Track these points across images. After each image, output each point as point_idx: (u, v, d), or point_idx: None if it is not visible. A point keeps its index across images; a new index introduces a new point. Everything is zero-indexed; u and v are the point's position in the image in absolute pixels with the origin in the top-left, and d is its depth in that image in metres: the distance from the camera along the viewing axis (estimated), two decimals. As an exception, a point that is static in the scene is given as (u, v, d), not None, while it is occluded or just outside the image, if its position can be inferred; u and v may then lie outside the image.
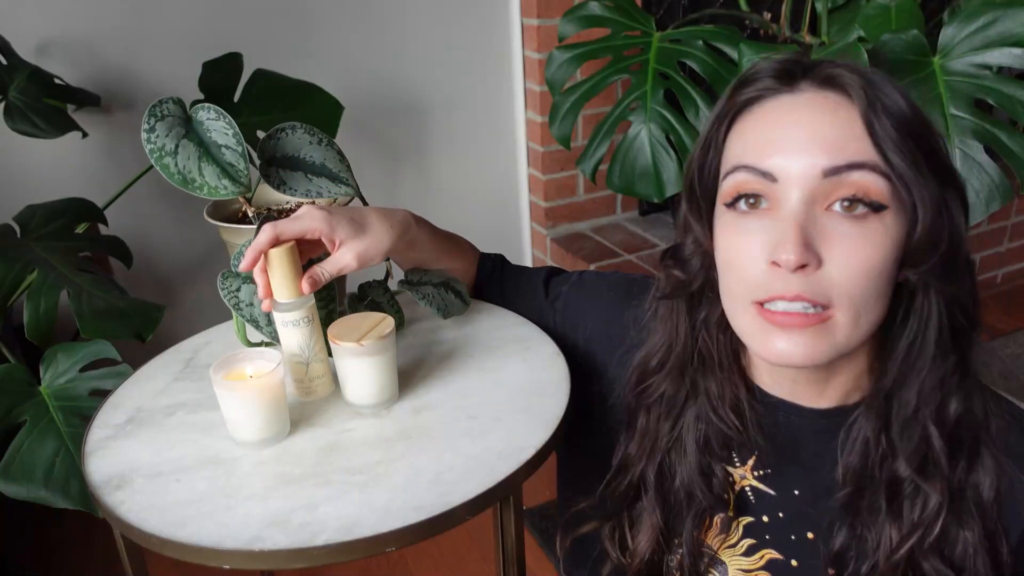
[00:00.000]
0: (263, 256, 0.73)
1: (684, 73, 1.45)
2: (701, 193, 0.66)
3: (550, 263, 2.30)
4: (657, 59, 1.46)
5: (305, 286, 0.74)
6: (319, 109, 1.68)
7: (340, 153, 0.87)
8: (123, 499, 0.66)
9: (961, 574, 0.64)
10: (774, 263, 0.58)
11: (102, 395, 0.99)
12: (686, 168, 0.68)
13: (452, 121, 2.12)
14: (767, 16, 1.57)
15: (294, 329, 0.75)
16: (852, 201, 0.57)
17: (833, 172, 0.57)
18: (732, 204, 0.62)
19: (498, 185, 2.27)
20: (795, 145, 0.59)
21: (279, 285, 0.74)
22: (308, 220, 0.75)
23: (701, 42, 1.44)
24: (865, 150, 0.57)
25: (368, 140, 2.03)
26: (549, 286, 0.92)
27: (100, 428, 0.76)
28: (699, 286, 0.69)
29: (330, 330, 0.75)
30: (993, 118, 1.25)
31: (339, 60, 1.92)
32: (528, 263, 2.38)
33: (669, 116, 1.42)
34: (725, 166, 0.64)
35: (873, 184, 0.57)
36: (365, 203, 0.92)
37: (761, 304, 0.60)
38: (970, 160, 1.24)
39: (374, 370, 0.74)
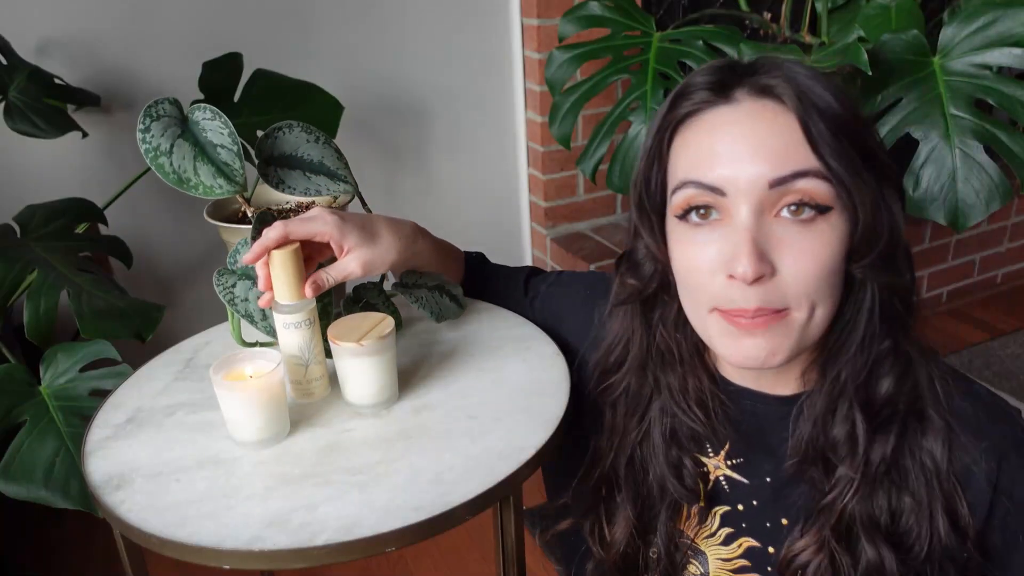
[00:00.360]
0: (267, 253, 0.73)
1: (684, 73, 1.45)
2: (650, 206, 0.68)
3: (550, 263, 2.31)
4: (657, 59, 1.46)
5: (308, 290, 0.75)
6: (319, 109, 1.68)
7: (338, 151, 0.87)
8: (123, 499, 0.66)
9: (906, 538, 0.66)
10: (731, 276, 0.60)
11: (102, 395, 0.99)
12: (632, 180, 0.70)
13: (452, 121, 2.12)
14: (767, 16, 1.57)
15: (295, 331, 0.75)
16: (799, 206, 0.60)
17: (778, 182, 0.59)
18: (683, 216, 0.64)
19: (498, 185, 2.27)
20: (740, 157, 0.60)
21: (281, 286, 0.74)
22: (319, 223, 0.75)
23: (701, 42, 1.44)
24: (805, 157, 0.59)
25: (368, 140, 2.03)
26: (528, 285, 0.93)
27: (100, 428, 0.76)
28: (653, 290, 0.71)
29: (330, 330, 0.75)
30: (993, 118, 1.25)
31: (339, 60, 1.92)
32: (528, 263, 2.38)
33: (669, 116, 1.42)
34: (672, 180, 0.65)
35: (817, 189, 0.59)
36: (364, 202, 0.92)
37: (726, 312, 0.63)
38: (970, 160, 1.25)
39: (374, 370, 0.74)
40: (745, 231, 0.59)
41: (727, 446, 0.74)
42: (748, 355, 0.63)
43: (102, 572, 1.63)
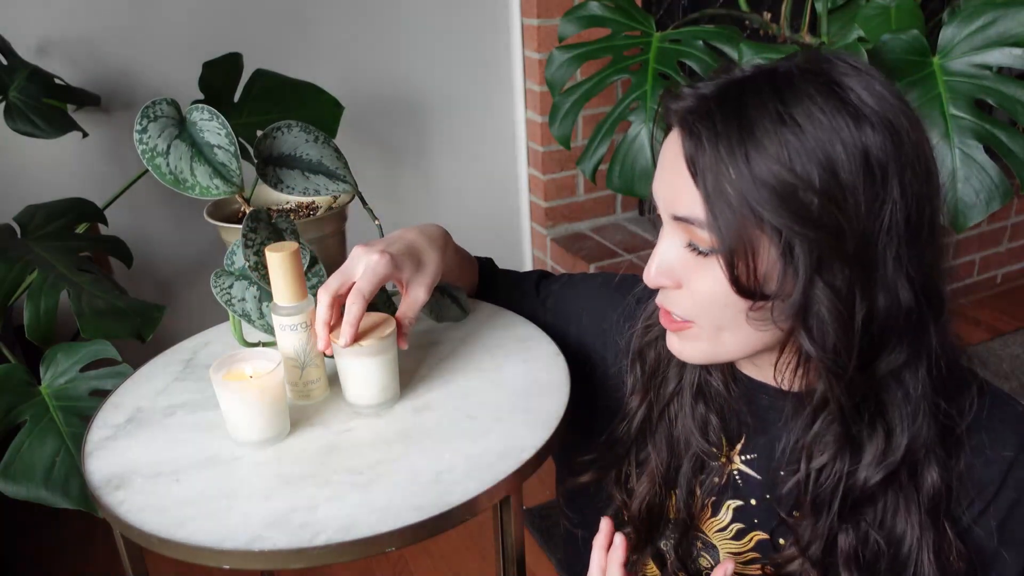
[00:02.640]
0: (325, 345, 0.74)
1: (684, 73, 1.45)
2: None
3: (550, 263, 2.31)
4: (657, 59, 1.46)
5: (404, 343, 0.77)
6: (319, 109, 1.68)
7: (337, 150, 0.87)
8: (123, 499, 0.66)
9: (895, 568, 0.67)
10: None
11: (102, 395, 0.99)
12: None
13: (452, 121, 2.12)
14: (767, 16, 1.57)
15: (292, 333, 0.75)
16: (689, 244, 0.63)
17: (675, 219, 0.63)
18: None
19: (498, 185, 2.27)
20: (659, 185, 0.65)
21: (280, 289, 0.74)
22: (378, 268, 0.75)
23: (701, 42, 1.44)
24: (692, 204, 0.60)
25: (368, 140, 2.03)
26: (539, 287, 0.95)
27: (100, 428, 0.76)
28: None
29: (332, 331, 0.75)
30: (993, 118, 1.25)
31: (339, 60, 1.92)
32: (528, 263, 2.38)
33: (669, 116, 1.42)
34: None
35: (699, 236, 0.61)
36: (364, 202, 0.92)
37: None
38: (970, 160, 1.25)
39: (375, 370, 0.74)
40: (658, 246, 0.65)
41: (742, 441, 0.74)
42: (672, 347, 0.69)
43: (102, 572, 1.63)
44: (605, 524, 0.73)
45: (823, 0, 1.44)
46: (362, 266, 0.75)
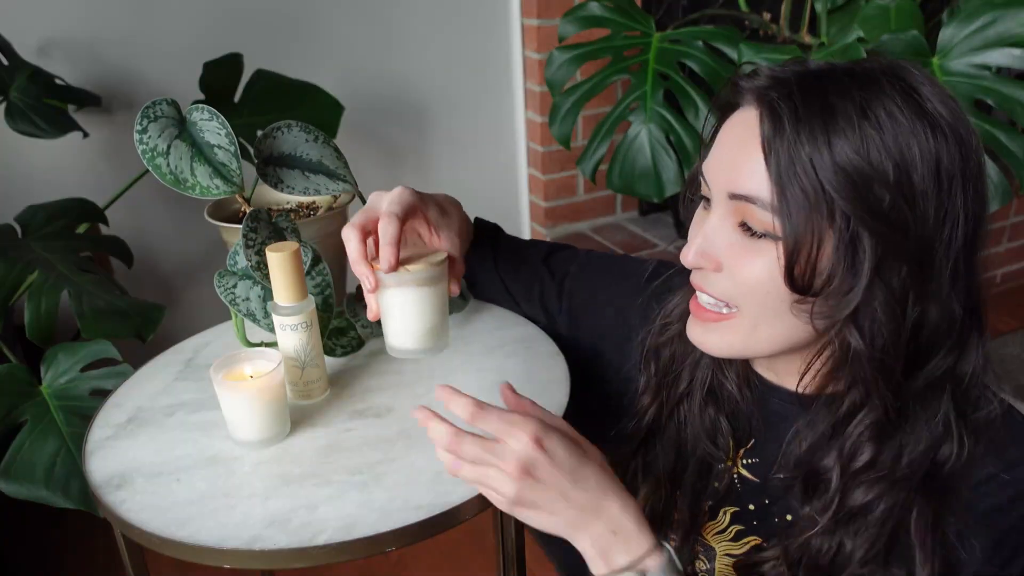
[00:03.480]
0: (372, 280, 0.71)
1: (684, 73, 1.45)
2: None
3: (550, 263, 2.30)
4: (657, 59, 1.46)
5: (455, 288, 0.76)
6: (319, 109, 1.68)
7: (337, 150, 0.87)
8: (124, 499, 0.67)
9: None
10: None
11: (103, 395, 0.99)
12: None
13: (452, 121, 2.12)
14: (767, 16, 1.57)
15: (292, 333, 0.75)
16: (744, 223, 0.61)
17: (732, 197, 0.61)
18: (702, 200, 0.67)
19: (498, 185, 2.27)
20: (717, 163, 0.63)
21: (281, 288, 0.74)
22: (404, 196, 0.74)
23: (701, 42, 1.44)
24: (758, 184, 0.59)
25: (368, 140, 2.03)
26: (550, 263, 0.91)
27: (101, 428, 0.77)
28: None
29: (373, 262, 0.71)
30: (993, 118, 1.25)
31: (339, 60, 1.92)
32: (528, 263, 2.38)
33: (669, 116, 1.42)
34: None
35: (757, 216, 0.59)
36: (364, 202, 0.92)
37: (694, 291, 0.66)
38: (970, 160, 1.25)
39: (426, 304, 0.70)
40: (704, 226, 0.63)
41: (750, 443, 0.74)
42: (696, 339, 0.67)
43: (102, 572, 1.63)
44: None
45: (823, 0, 1.44)
46: (386, 200, 0.74)
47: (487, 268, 0.92)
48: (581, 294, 0.88)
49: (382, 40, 1.96)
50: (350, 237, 0.72)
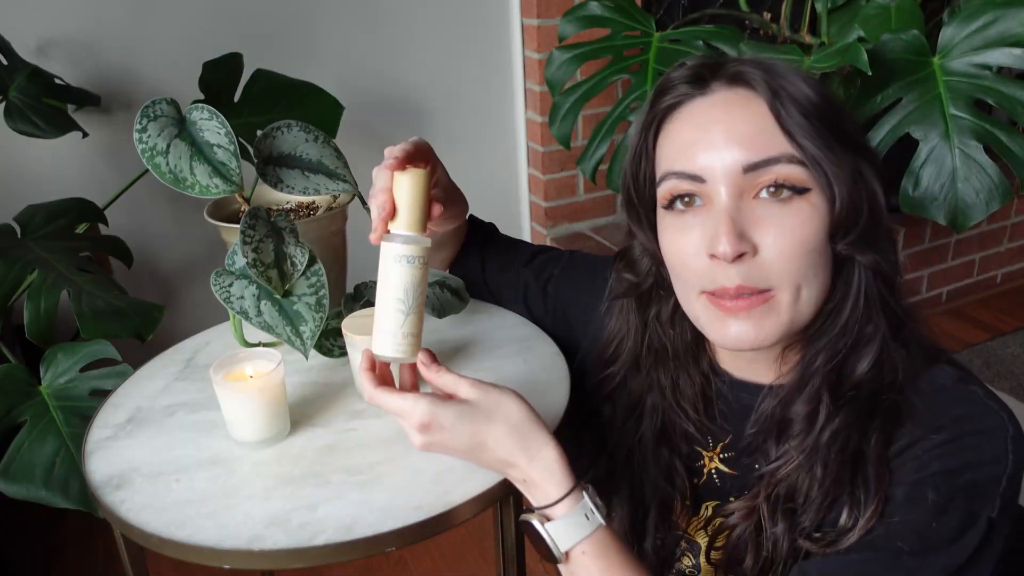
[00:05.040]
0: (391, 177, 0.67)
1: (684, 73, 1.45)
2: (639, 200, 0.70)
3: (550, 263, 2.30)
4: (657, 59, 1.46)
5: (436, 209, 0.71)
6: (319, 109, 1.68)
7: (337, 150, 0.87)
8: (123, 499, 0.66)
9: (830, 531, 0.64)
10: (713, 256, 0.62)
11: (102, 395, 0.99)
12: (621, 178, 0.72)
13: (452, 121, 2.12)
14: (767, 16, 1.57)
15: (407, 267, 0.65)
16: (777, 187, 0.61)
17: (752, 168, 0.61)
18: (669, 206, 0.66)
19: (498, 185, 2.27)
20: (715, 145, 0.62)
21: (405, 211, 0.66)
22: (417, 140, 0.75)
23: (701, 42, 1.44)
24: (778, 142, 0.61)
25: (368, 140, 2.03)
26: (535, 263, 0.93)
27: (100, 428, 0.77)
28: (649, 285, 0.74)
29: (344, 324, 0.75)
30: (993, 118, 1.25)
31: (339, 60, 1.92)
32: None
33: (669, 116, 1.42)
34: (658, 172, 0.67)
35: (791, 172, 0.61)
36: (364, 202, 0.92)
37: (711, 293, 0.64)
38: (970, 160, 1.25)
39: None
40: (724, 212, 0.61)
41: (727, 439, 0.74)
42: (736, 336, 0.63)
43: (102, 572, 1.63)
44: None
45: (823, 0, 1.44)
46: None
47: (474, 270, 0.94)
48: (565, 295, 0.89)
49: (382, 40, 1.96)
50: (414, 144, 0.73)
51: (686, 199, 0.64)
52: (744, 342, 0.63)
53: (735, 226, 0.61)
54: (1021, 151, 1.23)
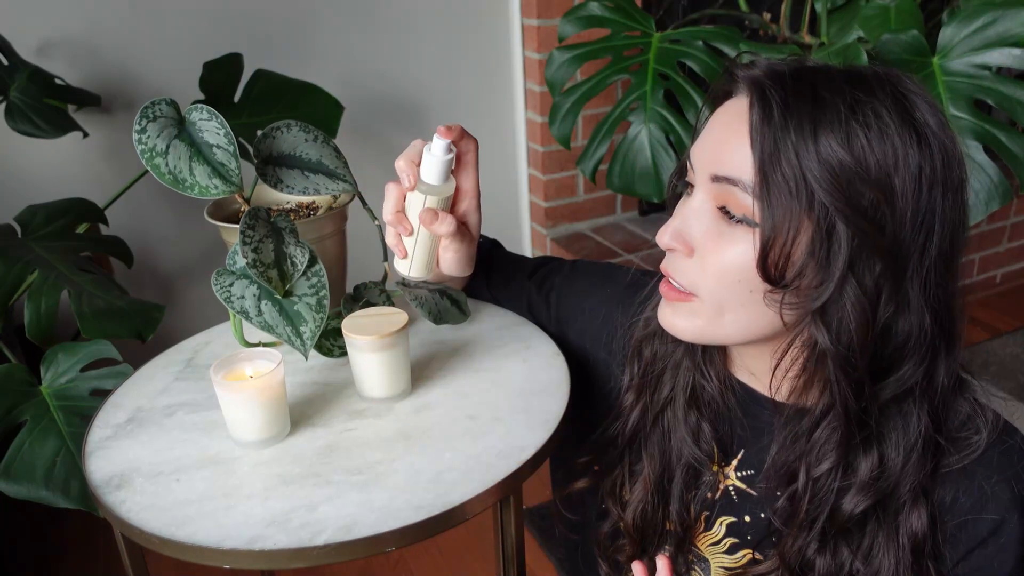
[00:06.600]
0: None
1: (684, 73, 1.45)
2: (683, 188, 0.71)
3: (550, 263, 2.30)
4: (657, 59, 1.46)
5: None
6: (319, 109, 1.68)
7: (336, 150, 0.87)
8: (123, 499, 0.67)
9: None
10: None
11: (102, 395, 0.99)
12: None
13: (452, 121, 2.12)
14: (767, 16, 1.57)
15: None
16: (726, 208, 0.61)
17: (716, 180, 0.61)
18: (686, 187, 0.67)
19: (498, 185, 2.27)
20: (706, 143, 0.64)
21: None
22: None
23: (701, 42, 1.44)
24: (740, 166, 0.59)
25: (368, 140, 2.03)
26: (537, 275, 0.93)
27: (100, 428, 0.77)
28: None
29: (344, 324, 0.75)
30: (992, 118, 1.25)
31: (339, 60, 1.92)
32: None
33: (669, 116, 1.42)
34: None
35: (738, 199, 0.60)
36: (364, 202, 0.92)
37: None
38: (970, 160, 1.25)
39: (390, 363, 0.75)
40: (682, 205, 0.64)
41: (740, 455, 0.74)
42: (664, 319, 0.67)
43: (102, 572, 1.63)
44: (637, 569, 0.73)
45: (823, 0, 1.44)
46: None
47: (479, 286, 0.95)
48: (568, 302, 0.89)
49: (382, 40, 1.96)
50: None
51: (690, 187, 0.66)
52: (671, 327, 0.67)
53: (680, 222, 0.63)
54: (1021, 151, 1.23)
